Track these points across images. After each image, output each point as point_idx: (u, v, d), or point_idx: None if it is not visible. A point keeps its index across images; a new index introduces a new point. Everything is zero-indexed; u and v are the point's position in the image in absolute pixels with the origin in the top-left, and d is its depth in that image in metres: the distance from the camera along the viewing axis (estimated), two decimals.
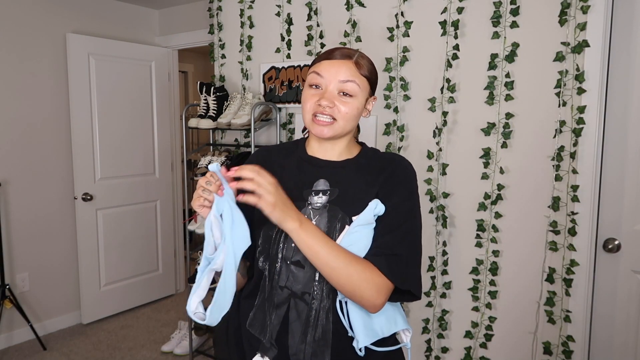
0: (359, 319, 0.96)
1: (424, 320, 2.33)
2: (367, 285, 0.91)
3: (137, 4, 3.60)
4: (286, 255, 0.99)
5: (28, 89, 3.05)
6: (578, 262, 1.90)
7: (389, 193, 1.00)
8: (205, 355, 2.92)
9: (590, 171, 1.85)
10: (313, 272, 0.98)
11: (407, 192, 1.02)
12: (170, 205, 3.89)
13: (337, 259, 0.90)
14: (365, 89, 1.03)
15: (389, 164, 1.05)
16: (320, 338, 0.97)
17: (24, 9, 3.00)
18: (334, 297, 0.98)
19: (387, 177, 1.02)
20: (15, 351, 2.98)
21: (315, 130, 1.01)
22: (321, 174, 1.04)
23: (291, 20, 2.65)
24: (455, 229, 2.21)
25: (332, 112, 0.99)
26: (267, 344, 1.01)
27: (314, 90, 1.02)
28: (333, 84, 1.00)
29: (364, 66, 1.02)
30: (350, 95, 1.00)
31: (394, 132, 2.34)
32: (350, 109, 1.00)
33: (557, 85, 1.90)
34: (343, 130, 1.02)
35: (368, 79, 1.03)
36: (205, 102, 2.77)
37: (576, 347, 1.93)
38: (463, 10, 2.09)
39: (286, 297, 1.00)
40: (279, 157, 1.11)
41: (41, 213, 3.15)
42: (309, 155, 1.08)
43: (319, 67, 1.02)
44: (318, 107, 1.00)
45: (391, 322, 1.01)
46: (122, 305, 3.56)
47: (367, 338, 0.96)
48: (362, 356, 0.98)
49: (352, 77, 1.00)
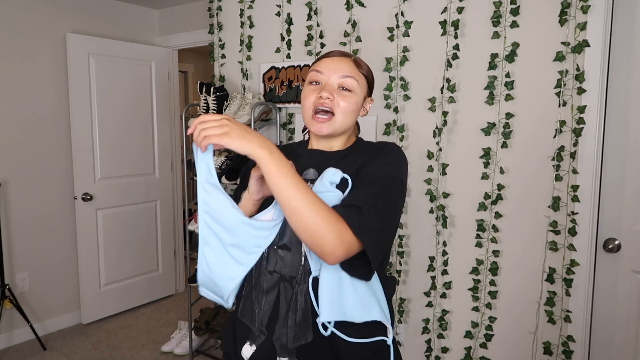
0: (326, 294, 0.92)
1: (424, 320, 2.33)
2: (330, 229, 0.85)
3: (137, 4, 3.60)
4: (274, 240, 0.98)
5: (28, 89, 3.04)
6: (578, 262, 1.90)
7: (367, 163, 1.00)
8: (205, 355, 2.91)
9: (590, 171, 1.85)
10: (299, 255, 0.98)
11: (383, 162, 1.00)
12: (170, 205, 3.89)
13: (303, 196, 0.84)
14: (363, 87, 1.06)
15: (375, 147, 1.07)
16: (301, 321, 0.97)
17: (24, 9, 3.00)
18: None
19: (369, 157, 1.02)
20: (15, 351, 2.97)
21: (314, 128, 1.03)
22: (312, 164, 1.06)
23: (291, 20, 2.65)
24: (455, 229, 2.21)
25: (332, 104, 1.01)
26: (256, 332, 1.01)
27: (313, 86, 1.05)
28: (333, 78, 1.03)
29: (363, 66, 1.07)
30: (350, 90, 1.03)
31: (394, 132, 2.33)
32: (349, 103, 1.02)
33: (557, 85, 1.90)
34: (341, 125, 1.04)
35: (366, 77, 1.07)
36: (205, 102, 2.77)
37: (576, 347, 1.93)
38: (463, 10, 2.09)
39: (276, 281, 1.00)
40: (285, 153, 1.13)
41: (41, 213, 3.15)
42: (306, 149, 1.11)
43: (319, 65, 1.05)
44: (319, 99, 1.02)
45: (365, 308, 0.95)
46: (122, 305, 3.56)
47: (330, 314, 0.92)
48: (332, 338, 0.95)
49: (351, 72, 1.03)
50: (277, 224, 0.98)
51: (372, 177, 0.96)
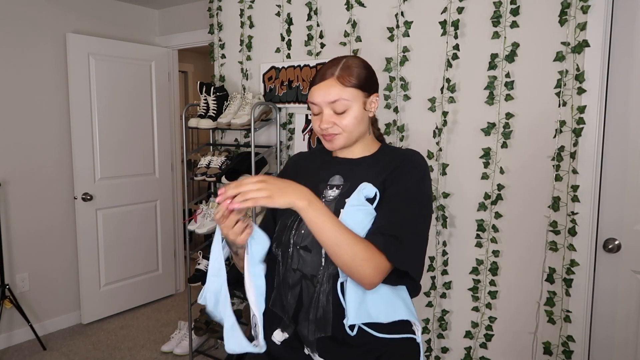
0: (353, 299, 1.01)
1: (424, 320, 2.33)
2: (368, 264, 0.95)
3: (137, 4, 3.60)
4: (296, 241, 1.09)
5: (28, 89, 3.05)
6: (578, 262, 1.90)
7: (394, 180, 1.06)
8: (205, 355, 2.92)
9: (590, 171, 1.85)
10: (319, 257, 1.06)
11: (412, 180, 1.06)
12: (170, 205, 3.89)
13: (342, 238, 0.93)
14: (357, 97, 1.08)
15: (400, 156, 1.11)
16: (321, 317, 1.06)
17: (24, 9, 3.00)
18: (334, 282, 1.05)
19: (395, 168, 1.08)
20: (15, 351, 2.98)
21: (327, 146, 1.13)
22: (338, 170, 1.14)
23: (291, 20, 2.65)
24: (455, 229, 2.21)
25: (334, 129, 1.09)
26: (287, 321, 1.11)
27: (315, 116, 1.12)
28: (326, 107, 1.08)
29: (348, 76, 1.07)
30: (344, 111, 1.08)
31: (394, 132, 2.34)
32: (348, 120, 1.08)
33: (557, 85, 1.90)
34: (350, 139, 1.11)
35: (356, 86, 1.08)
36: (205, 102, 2.77)
37: (576, 347, 1.93)
38: (463, 10, 2.09)
39: (298, 278, 1.09)
40: (307, 160, 1.26)
41: (41, 213, 3.15)
42: (332, 156, 1.19)
43: (311, 96, 1.11)
44: (321, 130, 1.10)
45: (390, 309, 1.04)
46: (122, 305, 3.56)
47: (357, 318, 1.00)
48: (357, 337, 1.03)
49: (337, 95, 1.06)
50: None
51: (405, 198, 1.03)
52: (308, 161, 1.24)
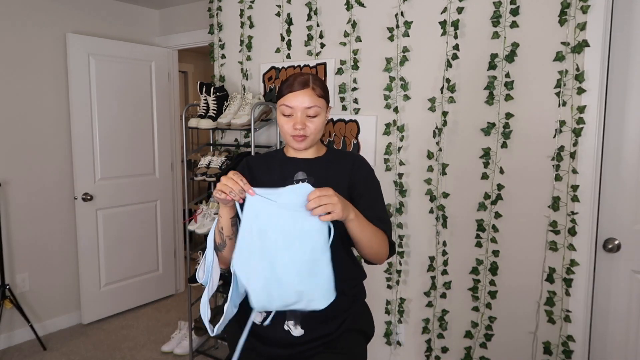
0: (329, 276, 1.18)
1: (424, 320, 2.33)
2: (386, 248, 1.29)
3: (137, 4, 3.60)
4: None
5: (28, 89, 3.05)
6: (578, 262, 1.90)
7: (359, 176, 1.36)
8: (206, 355, 2.92)
9: (590, 171, 1.85)
10: None
11: (371, 174, 1.39)
12: (170, 205, 3.89)
13: (373, 235, 1.22)
14: (323, 106, 1.32)
15: (350, 156, 1.43)
16: None
17: (24, 9, 3.00)
18: None
19: (351, 168, 1.37)
20: (15, 351, 2.98)
21: (295, 145, 1.33)
22: (299, 167, 1.35)
23: (291, 20, 2.65)
24: (455, 229, 2.21)
25: (305, 131, 1.30)
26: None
27: (286, 117, 1.31)
28: (300, 111, 1.29)
29: (318, 88, 1.31)
30: (315, 116, 1.30)
31: (394, 132, 2.34)
32: (317, 124, 1.31)
33: (557, 85, 1.90)
34: (314, 140, 1.34)
35: (323, 97, 1.32)
36: (205, 102, 2.77)
37: (576, 347, 1.93)
38: (463, 10, 2.09)
39: None
40: (263, 161, 1.43)
41: (41, 213, 3.15)
42: (287, 157, 1.40)
43: (286, 100, 1.30)
44: (294, 130, 1.29)
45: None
46: (122, 305, 3.56)
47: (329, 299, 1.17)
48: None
49: (312, 102, 1.28)
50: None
51: (373, 189, 1.37)
52: (266, 161, 1.42)
